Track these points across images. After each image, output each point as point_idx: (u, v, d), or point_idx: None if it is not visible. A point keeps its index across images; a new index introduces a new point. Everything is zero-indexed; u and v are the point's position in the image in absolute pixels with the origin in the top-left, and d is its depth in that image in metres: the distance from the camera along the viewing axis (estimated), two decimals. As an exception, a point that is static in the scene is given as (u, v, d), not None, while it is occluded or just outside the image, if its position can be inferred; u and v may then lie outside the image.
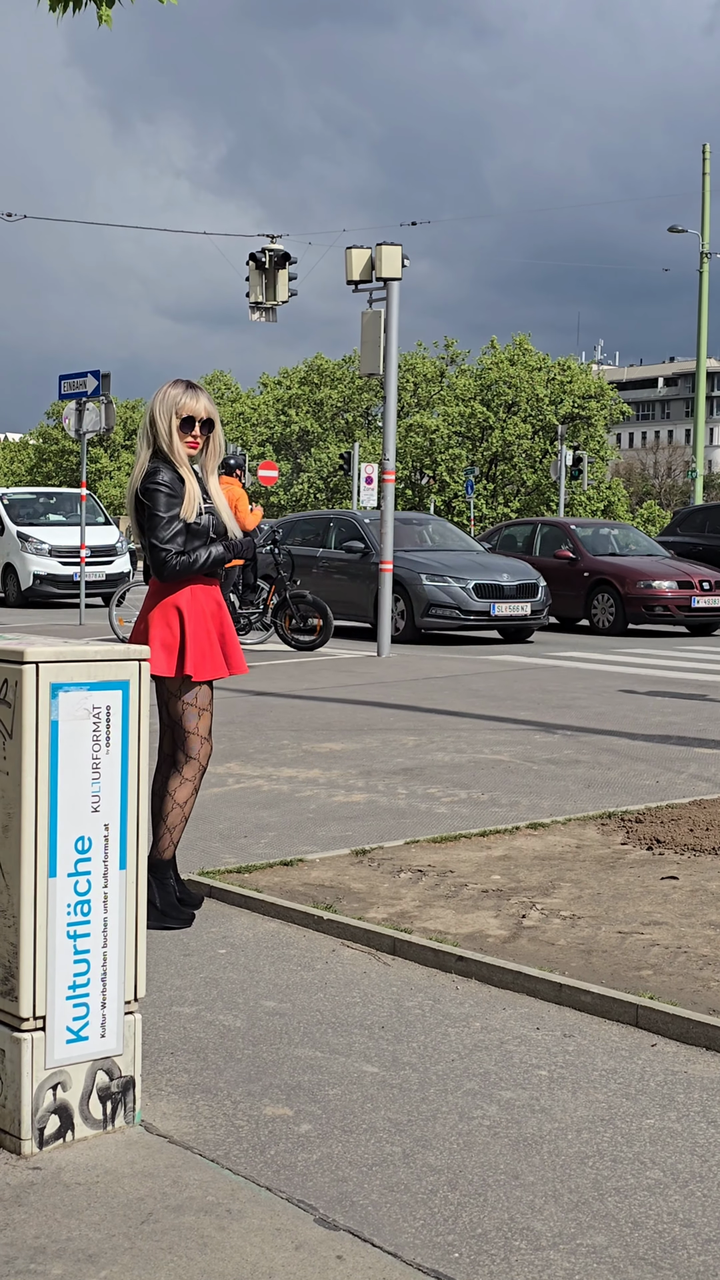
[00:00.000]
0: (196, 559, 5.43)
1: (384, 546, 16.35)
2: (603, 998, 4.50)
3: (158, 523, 5.39)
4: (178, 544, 5.40)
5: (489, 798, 7.80)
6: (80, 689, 3.49)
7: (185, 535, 5.42)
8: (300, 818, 7.29)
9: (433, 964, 4.96)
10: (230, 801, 7.70)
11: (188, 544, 5.43)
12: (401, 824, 7.13)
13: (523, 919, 5.40)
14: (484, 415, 70.64)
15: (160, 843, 5.52)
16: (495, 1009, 4.56)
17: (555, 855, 6.39)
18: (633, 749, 9.54)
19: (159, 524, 5.38)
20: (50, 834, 3.46)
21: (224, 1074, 4.01)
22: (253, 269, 24.22)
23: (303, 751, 9.34)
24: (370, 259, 16.16)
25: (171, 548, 5.38)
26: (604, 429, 72.63)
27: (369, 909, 5.52)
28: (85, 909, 3.53)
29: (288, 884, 5.89)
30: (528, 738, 9.96)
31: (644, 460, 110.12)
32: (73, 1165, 3.41)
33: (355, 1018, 4.47)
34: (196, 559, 5.43)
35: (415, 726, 10.48)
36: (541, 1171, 3.41)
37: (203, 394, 5.51)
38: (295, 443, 77.36)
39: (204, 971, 4.92)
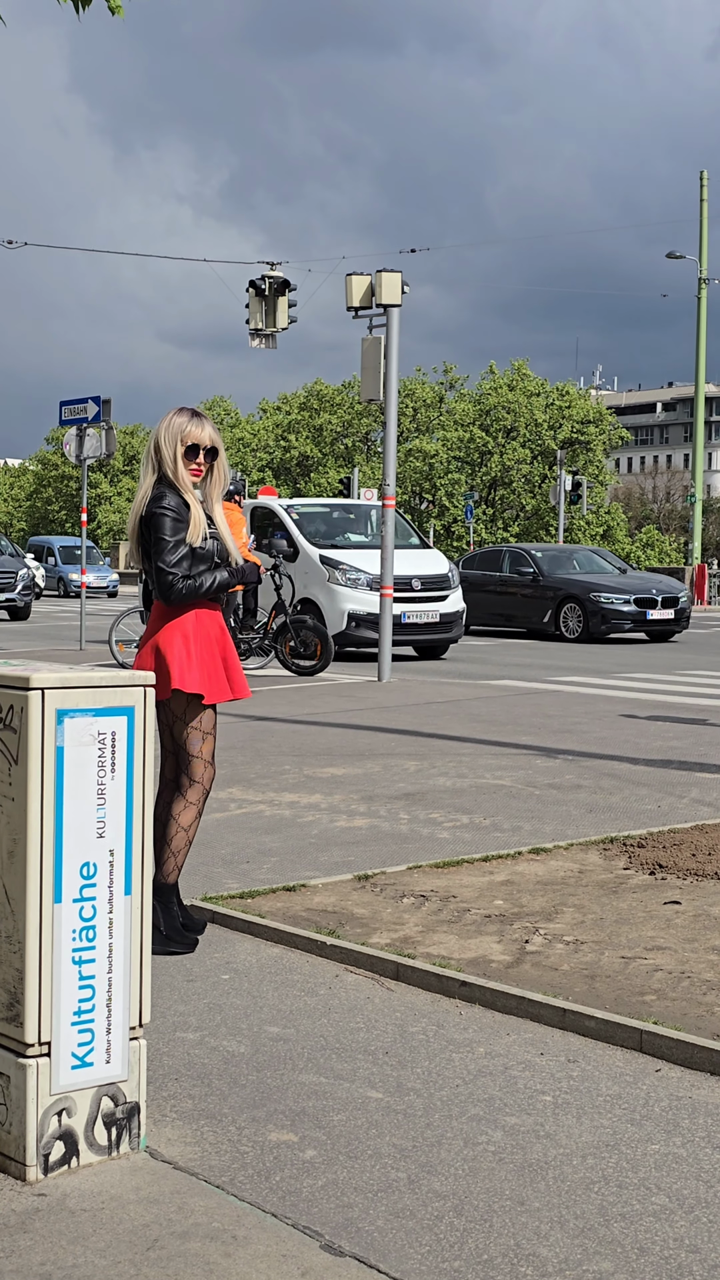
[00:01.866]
0: (202, 584, 5.46)
1: (384, 571, 16.36)
2: (607, 1023, 4.49)
3: (164, 547, 5.42)
4: (183, 568, 5.43)
5: (491, 823, 7.80)
6: (85, 715, 3.51)
7: (190, 560, 5.45)
8: (302, 843, 7.30)
9: (436, 989, 4.95)
10: (232, 827, 7.70)
11: (193, 568, 5.46)
12: (404, 849, 7.13)
13: (526, 944, 5.40)
14: (483, 440, 70.80)
15: (164, 867, 5.53)
16: (499, 1034, 4.56)
17: (558, 880, 6.39)
18: (634, 774, 9.55)
19: (165, 548, 5.41)
20: (55, 860, 3.47)
21: (228, 1100, 4.01)
22: (252, 296, 24.33)
23: (304, 776, 9.35)
24: (370, 285, 16.22)
25: (178, 572, 5.42)
26: (603, 454, 72.79)
27: (372, 934, 5.52)
28: (90, 935, 3.54)
29: (290, 909, 5.89)
30: (529, 762, 9.96)
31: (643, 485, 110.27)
32: (78, 1191, 3.41)
33: (359, 1043, 4.47)
34: (202, 584, 5.46)
35: (417, 751, 10.49)
36: (547, 1197, 3.41)
37: (207, 422, 5.55)
38: (295, 468, 77.47)
39: (207, 997, 4.92)
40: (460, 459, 72.14)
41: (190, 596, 5.46)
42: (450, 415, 73.62)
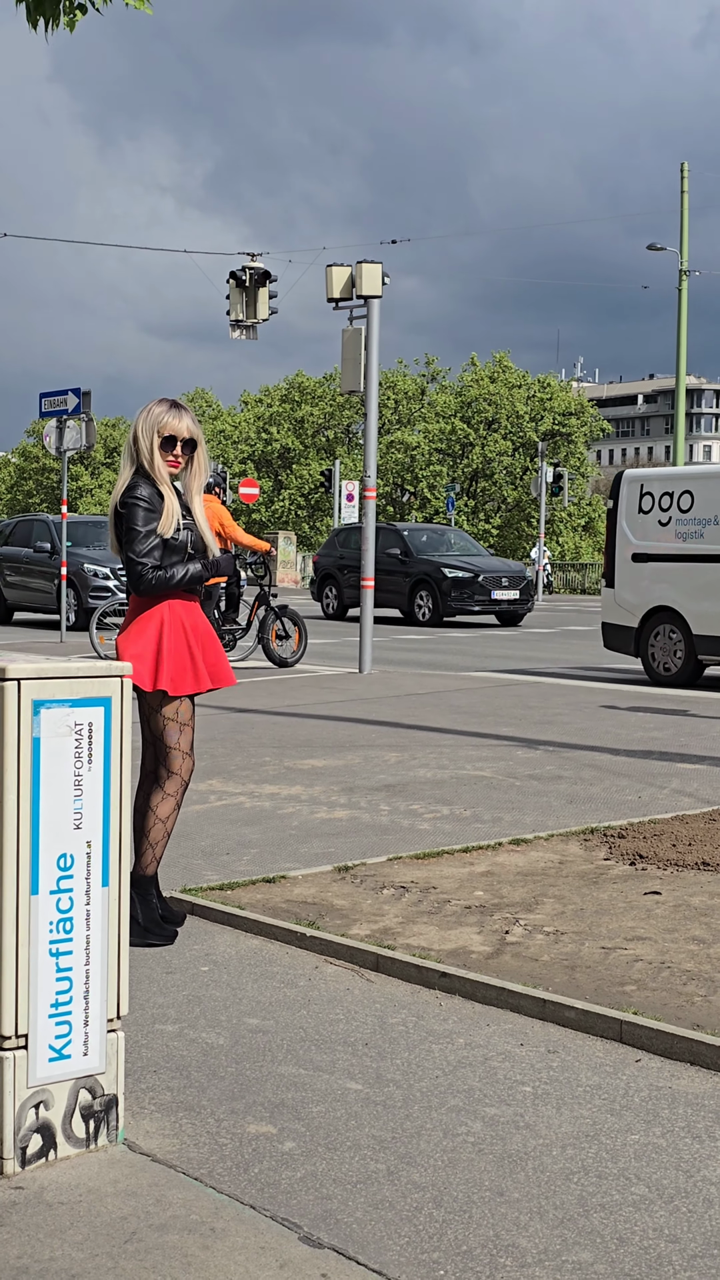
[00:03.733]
0: (173, 575, 5.42)
1: (365, 563, 16.34)
2: (586, 1013, 4.49)
3: (134, 537, 5.39)
4: (154, 558, 5.40)
5: (471, 814, 7.80)
6: (62, 706, 3.48)
7: (163, 550, 5.42)
8: (282, 835, 7.28)
9: (416, 980, 4.94)
10: (212, 819, 7.69)
11: (165, 559, 5.43)
12: (384, 840, 7.12)
13: (506, 935, 5.39)
14: (465, 432, 70.78)
15: (143, 859, 5.51)
16: (479, 1025, 4.55)
17: (538, 871, 6.38)
18: (615, 764, 9.55)
19: (135, 538, 5.39)
20: (32, 851, 3.45)
21: (207, 1092, 3.99)
22: (233, 287, 24.25)
23: (285, 768, 9.33)
24: (351, 277, 16.18)
25: (148, 562, 5.38)
26: (584, 446, 72.84)
27: (352, 926, 5.51)
28: (67, 926, 3.52)
29: (270, 901, 5.87)
30: (510, 754, 9.96)
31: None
32: (55, 1184, 3.39)
33: (339, 1035, 4.46)
34: (173, 575, 5.42)
35: (397, 743, 10.48)
36: (526, 1188, 3.40)
37: (186, 414, 5.52)
38: (276, 460, 77.37)
39: (186, 989, 4.90)
40: (442, 451, 72.11)
41: (161, 587, 5.43)
42: (432, 407, 73.59)
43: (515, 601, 26.72)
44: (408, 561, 27.13)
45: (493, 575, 26.44)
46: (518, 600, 26.86)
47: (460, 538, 29.65)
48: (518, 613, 27.29)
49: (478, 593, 26.17)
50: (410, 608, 27.07)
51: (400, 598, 27.22)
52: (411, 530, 28.47)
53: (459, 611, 26.31)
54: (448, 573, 26.37)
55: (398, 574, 27.13)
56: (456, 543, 29.09)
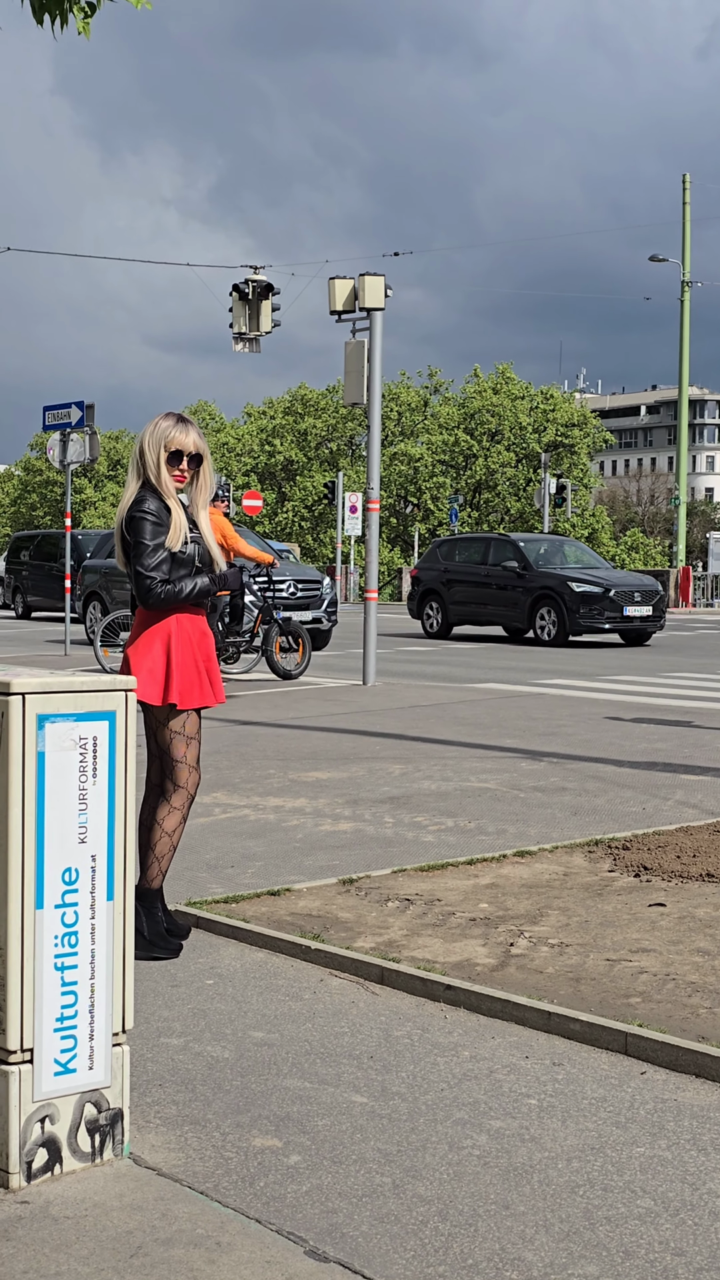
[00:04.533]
0: (181, 589, 5.44)
1: (369, 575, 16.35)
2: (591, 1026, 4.49)
3: (143, 551, 5.40)
4: (162, 572, 5.41)
5: (476, 826, 7.80)
6: (67, 720, 3.49)
7: (170, 564, 5.44)
8: (287, 847, 7.28)
9: (421, 993, 4.94)
10: (217, 831, 7.69)
11: (173, 573, 5.45)
12: (389, 853, 7.12)
13: (511, 947, 5.39)
14: (468, 444, 70.87)
15: (148, 872, 5.51)
16: (484, 1038, 4.55)
17: (543, 883, 6.38)
18: (619, 776, 9.55)
19: (144, 552, 5.40)
20: (37, 865, 3.45)
21: (212, 1105, 3.99)
22: (236, 300, 24.30)
23: (289, 780, 9.33)
24: (353, 289, 16.22)
25: (156, 575, 5.40)
26: (587, 457, 72.92)
27: (357, 938, 5.51)
28: (73, 940, 3.52)
29: (275, 914, 5.88)
30: (514, 765, 9.96)
31: (627, 488, 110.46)
32: (61, 1198, 3.39)
33: (344, 1048, 4.46)
34: (181, 589, 5.44)
35: (402, 755, 10.48)
36: (532, 1201, 3.40)
37: (192, 428, 5.54)
38: (280, 472, 77.45)
39: (192, 1002, 4.90)
40: (445, 463, 72.20)
41: (169, 601, 5.44)
42: (435, 419, 73.67)
43: (648, 619, 24.19)
44: (527, 575, 24.73)
45: (625, 590, 23.89)
46: (650, 618, 24.29)
47: (578, 549, 27.16)
48: (647, 630, 24.74)
49: (609, 609, 23.66)
50: (530, 625, 24.69)
51: (517, 614, 24.96)
52: (528, 541, 26.13)
53: (587, 629, 23.85)
54: (575, 587, 23.82)
55: (514, 589, 24.90)
56: (575, 554, 26.63)
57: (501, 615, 25.48)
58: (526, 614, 24.72)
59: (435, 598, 26.84)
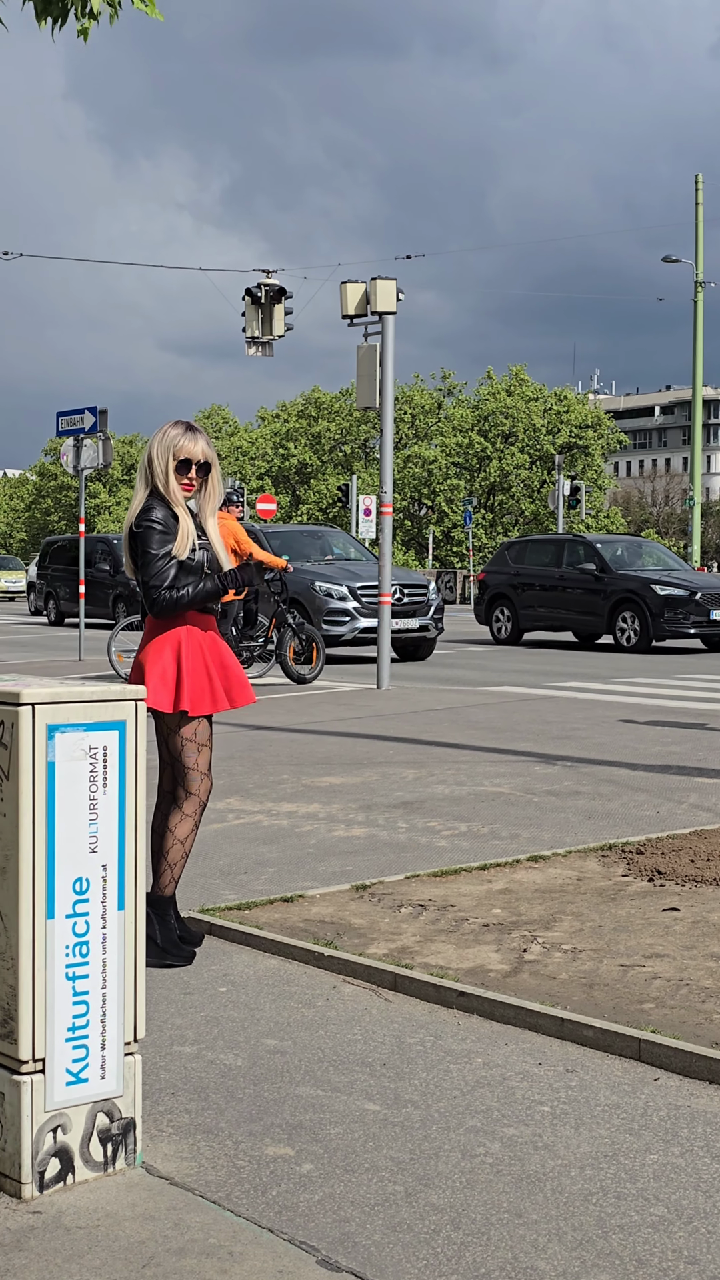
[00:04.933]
0: (185, 594, 5.44)
1: (382, 579, 16.36)
2: (605, 1032, 4.48)
3: (149, 559, 5.41)
4: (169, 579, 5.42)
5: (489, 830, 7.79)
6: (76, 730, 3.50)
7: (178, 572, 5.44)
8: (300, 853, 7.28)
9: (434, 1000, 4.94)
10: (230, 837, 7.69)
11: (180, 580, 5.45)
12: (402, 858, 7.11)
13: (524, 953, 5.38)
14: (481, 446, 70.86)
15: (161, 879, 5.52)
16: (497, 1044, 4.55)
17: (556, 888, 6.37)
18: (633, 779, 9.53)
19: (150, 560, 5.41)
20: (48, 875, 3.46)
21: (225, 1114, 3.99)
22: (249, 304, 24.34)
23: (302, 786, 9.34)
24: (365, 293, 16.23)
25: (162, 583, 5.40)
26: (601, 458, 72.90)
27: (370, 944, 5.51)
28: (84, 950, 3.53)
29: (288, 920, 5.88)
30: (528, 769, 9.95)
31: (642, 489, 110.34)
32: (74, 1209, 3.40)
33: (357, 1055, 4.46)
34: (185, 594, 5.44)
35: (415, 759, 10.48)
36: (545, 1209, 3.40)
37: (201, 436, 5.54)
38: (294, 476, 77.51)
39: (205, 1010, 4.91)
40: (459, 465, 72.20)
41: (175, 608, 5.45)
42: (449, 421, 73.68)
43: None
44: (605, 578, 23.99)
45: (712, 593, 23.12)
46: None
47: (655, 550, 26.18)
48: None
49: (694, 613, 22.83)
50: (610, 630, 23.85)
51: (595, 620, 24.24)
52: (605, 542, 25.31)
53: (671, 635, 23.00)
54: (659, 590, 23.07)
55: (593, 592, 24.15)
56: (654, 555, 25.76)
57: (577, 620, 24.74)
58: (606, 618, 23.89)
59: (505, 602, 26.03)
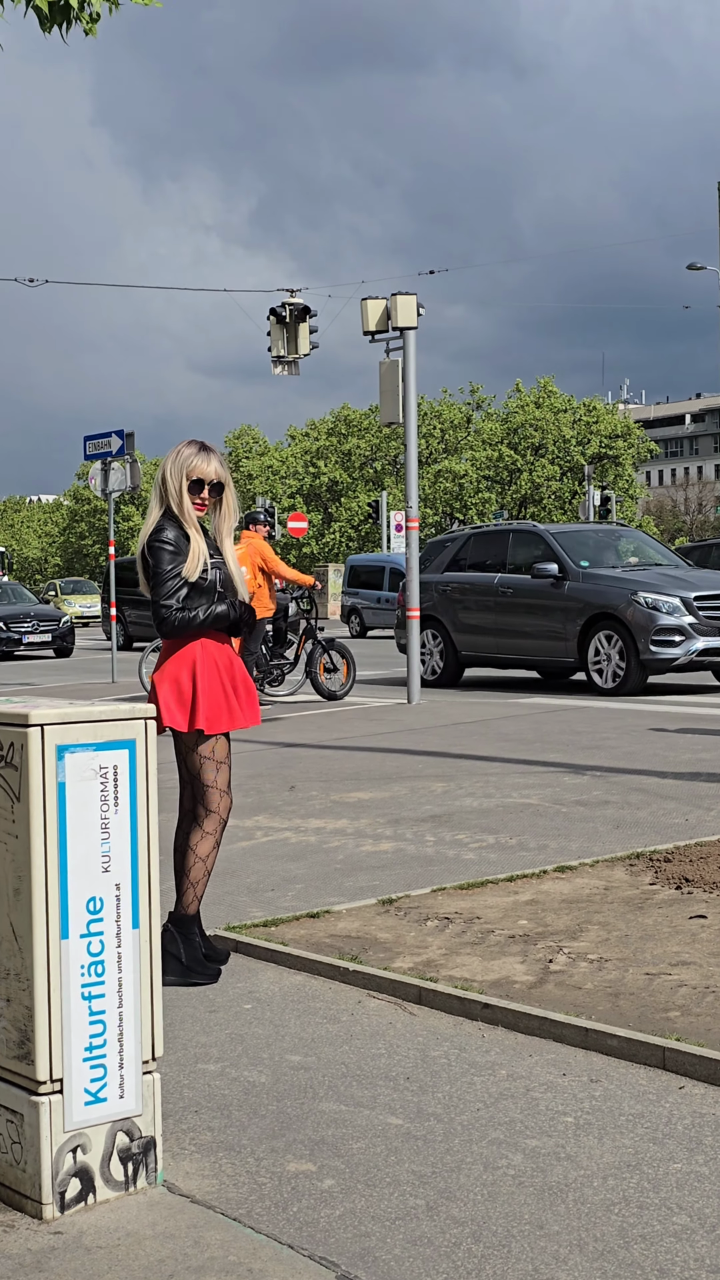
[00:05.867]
0: (195, 615, 5.45)
1: (410, 594, 16.35)
2: (629, 1041, 4.45)
3: (159, 579, 5.43)
4: (178, 600, 5.43)
5: (517, 842, 7.77)
6: (86, 750, 3.51)
7: (188, 592, 5.45)
8: (328, 869, 7.28)
9: (459, 1012, 4.92)
10: (258, 855, 7.69)
11: (192, 601, 5.46)
12: (429, 871, 7.10)
13: (550, 963, 5.36)
14: (512, 458, 70.83)
15: (184, 898, 5.52)
16: (521, 1056, 4.53)
17: (583, 898, 6.35)
18: (662, 787, 9.49)
19: (160, 581, 5.43)
20: (61, 896, 3.47)
21: (247, 1130, 3.99)
22: (273, 323, 24.45)
23: (331, 802, 9.33)
24: (386, 309, 16.25)
25: (172, 604, 5.42)
26: (632, 468, 72.73)
27: (395, 958, 5.50)
28: (99, 970, 3.53)
29: (314, 936, 5.87)
30: (557, 780, 9.92)
31: (674, 497, 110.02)
32: (94, 1229, 3.40)
33: (380, 1069, 4.45)
34: (195, 615, 5.45)
35: (444, 773, 10.46)
36: (567, 1220, 3.38)
37: (215, 456, 5.55)
38: (325, 493, 77.64)
39: (229, 1027, 4.90)
40: (490, 478, 72.17)
41: (185, 628, 5.45)
42: (478, 435, 73.68)
43: None
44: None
45: None
46: None
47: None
48: None
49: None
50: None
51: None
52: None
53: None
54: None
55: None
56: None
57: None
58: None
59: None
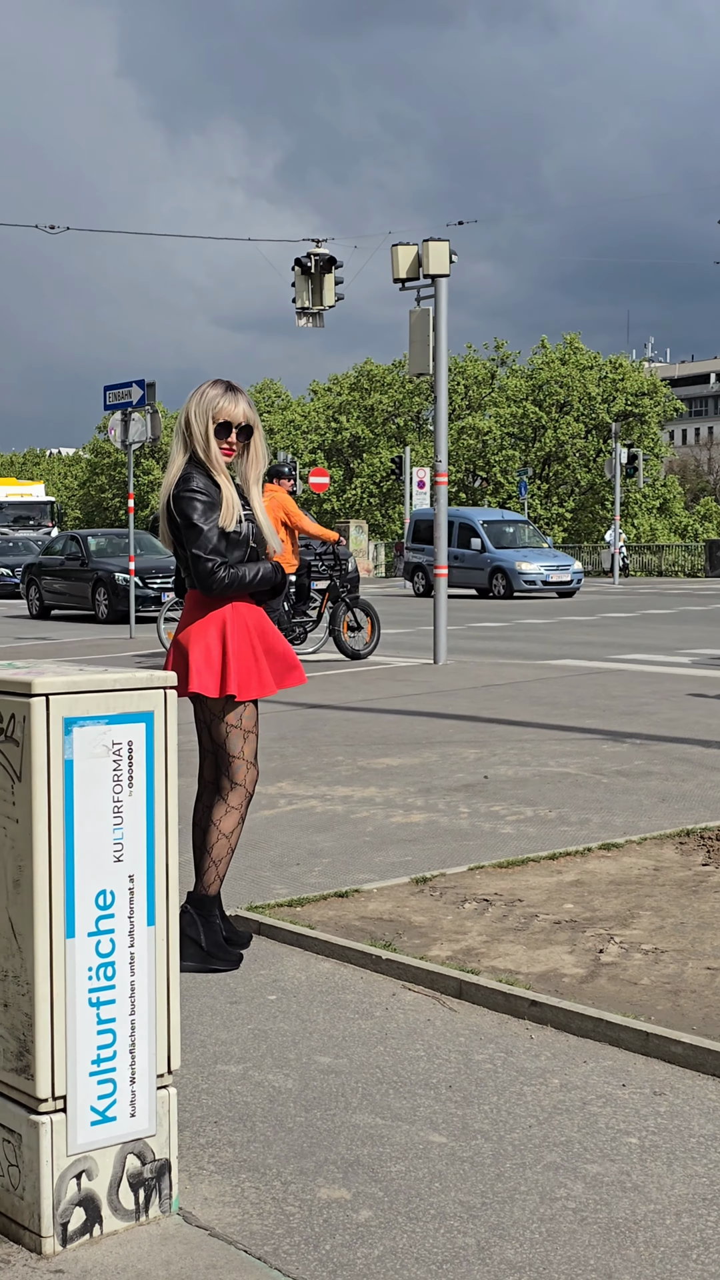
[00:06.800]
0: (243, 574, 4.98)
1: (438, 551, 15.88)
2: (696, 1048, 4.02)
3: (198, 533, 4.95)
4: (222, 554, 4.96)
5: (557, 815, 7.33)
6: (97, 723, 3.07)
7: (226, 545, 4.99)
8: (356, 841, 6.85)
9: (503, 1009, 4.50)
10: (282, 825, 7.27)
11: (229, 554, 5.00)
12: (464, 846, 6.67)
13: (600, 954, 4.93)
14: (536, 415, 70.01)
15: (205, 877, 5.10)
16: (575, 1062, 4.10)
17: (632, 879, 5.91)
18: (707, 757, 9.03)
19: (199, 534, 4.95)
20: (67, 889, 3.04)
21: (273, 1147, 3.57)
22: (298, 274, 23.84)
23: (358, 768, 8.90)
24: (417, 255, 15.70)
25: (217, 559, 4.94)
26: (658, 426, 71.83)
27: (431, 945, 5.07)
28: (109, 972, 3.11)
29: (343, 918, 5.45)
30: (595, 748, 9.47)
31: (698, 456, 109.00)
32: (100, 1266, 2.99)
33: (419, 1075, 4.03)
34: (243, 574, 4.98)
35: (476, 738, 10.01)
36: (638, 1268, 2.95)
37: (242, 397, 5.08)
38: (347, 449, 76.90)
39: (252, 1022, 4.49)
40: (513, 435, 71.36)
41: (234, 586, 4.98)
42: (502, 391, 72.83)
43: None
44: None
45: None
46: None
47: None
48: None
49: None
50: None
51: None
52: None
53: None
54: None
55: None
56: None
57: None
58: None
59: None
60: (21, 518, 52.95)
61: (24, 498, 54.67)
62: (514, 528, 36.29)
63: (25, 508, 53.44)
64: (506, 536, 35.48)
